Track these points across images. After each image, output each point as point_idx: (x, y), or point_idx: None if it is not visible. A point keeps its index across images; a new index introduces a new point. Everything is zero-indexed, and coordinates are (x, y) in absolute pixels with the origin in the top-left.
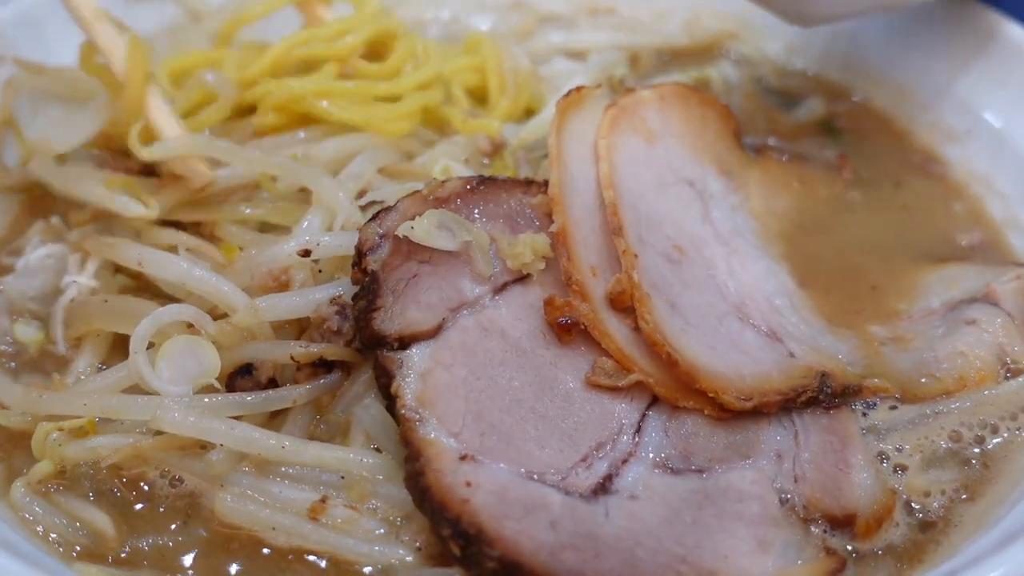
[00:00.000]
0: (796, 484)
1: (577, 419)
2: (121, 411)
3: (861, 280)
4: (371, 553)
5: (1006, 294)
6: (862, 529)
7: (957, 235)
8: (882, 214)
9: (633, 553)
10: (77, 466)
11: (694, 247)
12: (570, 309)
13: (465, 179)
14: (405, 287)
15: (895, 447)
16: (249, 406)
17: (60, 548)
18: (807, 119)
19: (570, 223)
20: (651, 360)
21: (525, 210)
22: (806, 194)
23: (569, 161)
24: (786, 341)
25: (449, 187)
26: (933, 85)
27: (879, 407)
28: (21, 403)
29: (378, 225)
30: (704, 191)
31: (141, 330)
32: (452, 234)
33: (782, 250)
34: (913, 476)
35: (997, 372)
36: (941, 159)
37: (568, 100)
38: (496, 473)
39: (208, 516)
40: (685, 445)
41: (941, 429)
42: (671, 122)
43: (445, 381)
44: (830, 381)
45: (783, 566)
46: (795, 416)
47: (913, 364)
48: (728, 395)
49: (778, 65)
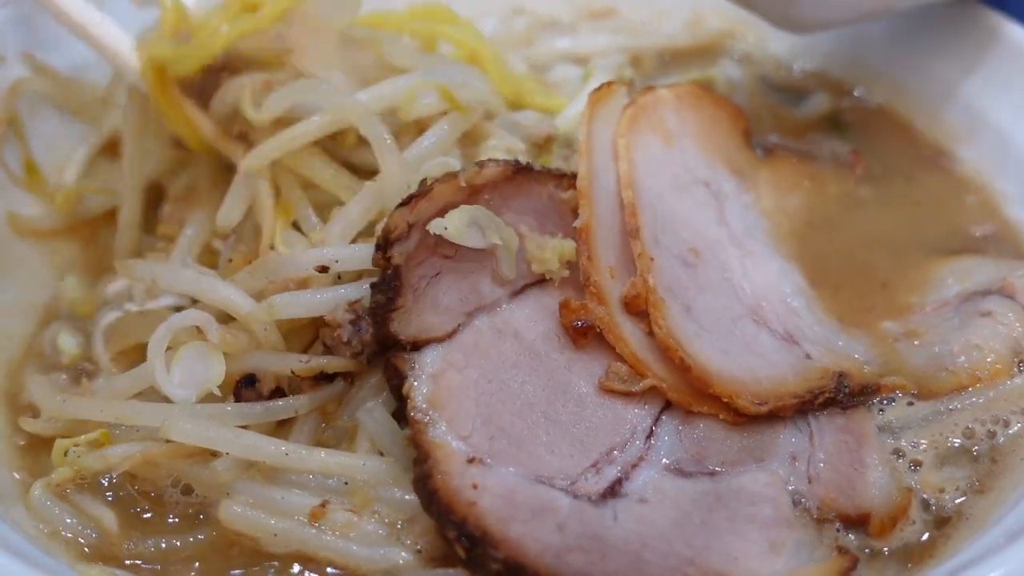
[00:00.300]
0: (810, 485)
1: (589, 424)
2: (133, 417)
3: (872, 277)
4: (372, 556)
5: (1023, 287)
6: (876, 528)
7: (970, 227)
8: (893, 209)
9: (640, 555)
10: (94, 475)
11: (709, 250)
12: (586, 312)
13: (502, 167)
14: (426, 286)
15: (910, 444)
16: (254, 416)
17: (69, 549)
18: (813, 115)
19: (594, 220)
20: (665, 365)
21: (556, 204)
22: (816, 192)
23: (596, 155)
24: (802, 343)
25: (486, 174)
26: (936, 85)
27: (896, 404)
28: (47, 408)
29: (409, 211)
30: (719, 192)
31: (158, 335)
32: (483, 233)
33: (794, 249)
34: (927, 473)
35: (1012, 365)
36: (953, 153)
37: (599, 93)
38: (504, 477)
39: (211, 520)
40: (698, 449)
41: (955, 425)
42: (687, 122)
43: (457, 383)
44: (847, 381)
45: (795, 567)
46: (811, 417)
47: (928, 359)
48: (743, 399)
49: (782, 63)
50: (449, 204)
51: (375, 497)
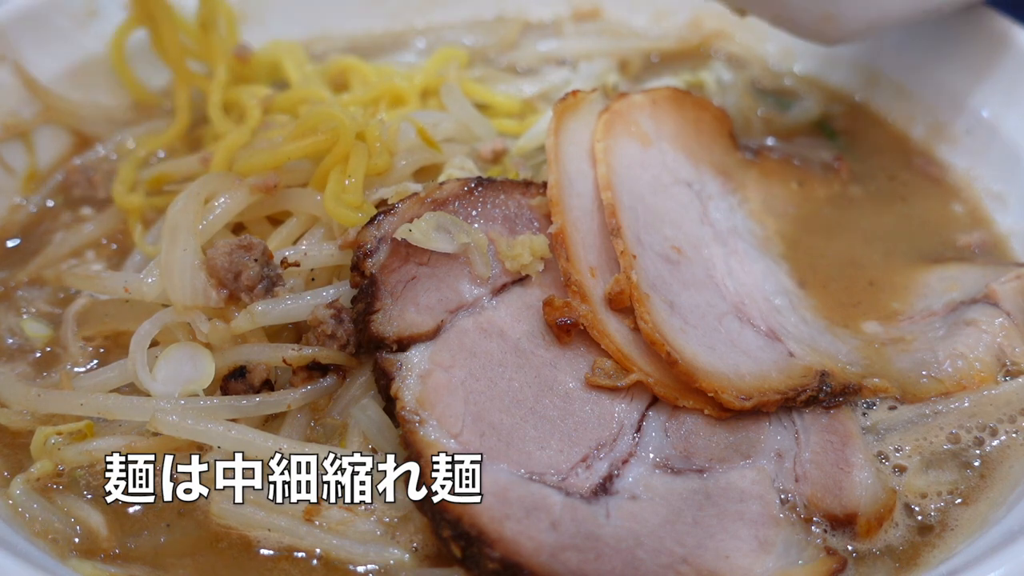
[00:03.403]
0: (797, 483)
1: (577, 419)
2: (118, 411)
3: (859, 274)
4: (366, 554)
5: (1006, 294)
6: (863, 528)
7: (957, 236)
8: (881, 215)
9: (634, 554)
10: (75, 468)
11: (693, 247)
12: (569, 310)
13: (463, 181)
14: (403, 289)
15: (894, 447)
16: (244, 409)
17: (56, 545)
18: (802, 120)
19: (569, 224)
20: (650, 360)
21: (524, 211)
22: (804, 195)
23: (567, 163)
24: (785, 340)
25: (447, 189)
26: (933, 85)
27: (878, 407)
28: (20, 402)
29: (376, 228)
30: (702, 192)
31: (143, 330)
32: (451, 236)
33: (781, 250)
34: (912, 477)
35: (996, 373)
36: (940, 160)
37: (565, 103)
38: (496, 474)
39: (201, 515)
40: (685, 445)
41: (940, 430)
42: (664, 125)
43: (444, 382)
44: (830, 380)
45: (784, 566)
46: (795, 415)
47: (913, 364)
48: (727, 394)
49: (772, 66)
50: (415, 218)
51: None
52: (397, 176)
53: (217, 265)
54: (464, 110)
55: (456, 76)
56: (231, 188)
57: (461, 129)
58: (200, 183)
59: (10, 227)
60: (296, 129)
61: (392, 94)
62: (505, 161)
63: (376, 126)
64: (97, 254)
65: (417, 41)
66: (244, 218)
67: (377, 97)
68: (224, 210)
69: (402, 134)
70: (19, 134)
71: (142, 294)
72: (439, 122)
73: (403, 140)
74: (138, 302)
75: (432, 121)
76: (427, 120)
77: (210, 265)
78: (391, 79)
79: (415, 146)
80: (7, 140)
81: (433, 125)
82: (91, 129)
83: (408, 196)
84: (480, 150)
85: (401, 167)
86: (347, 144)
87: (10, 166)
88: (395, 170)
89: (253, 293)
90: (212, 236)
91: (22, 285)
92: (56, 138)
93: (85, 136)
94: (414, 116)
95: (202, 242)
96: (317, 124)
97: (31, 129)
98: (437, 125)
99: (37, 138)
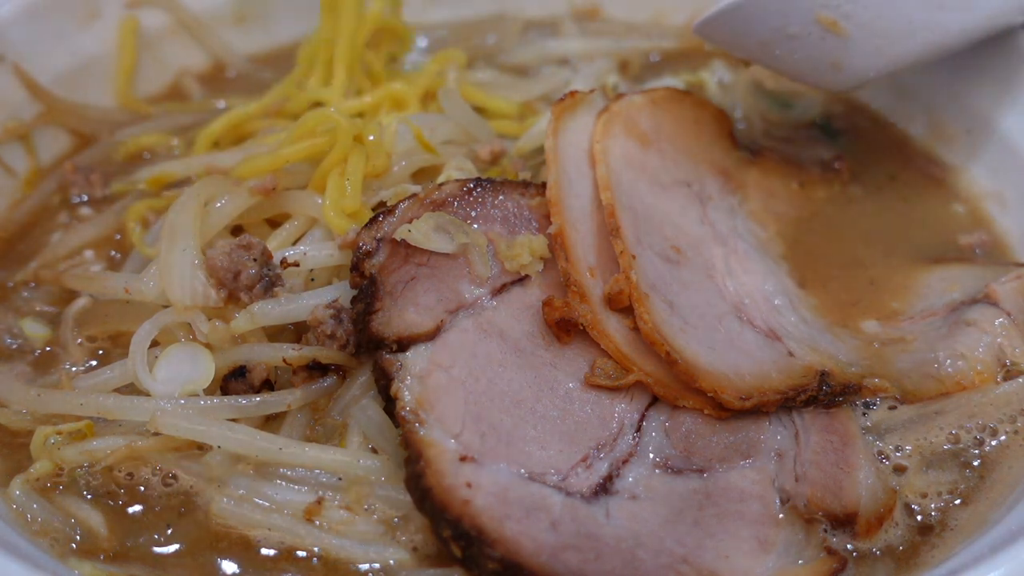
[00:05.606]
0: (797, 483)
1: (577, 419)
2: (118, 412)
3: (860, 273)
4: (367, 554)
5: (1006, 294)
6: (863, 528)
7: (957, 236)
8: (881, 215)
9: (634, 554)
10: (74, 468)
11: (692, 248)
12: (569, 309)
13: (462, 181)
14: (403, 289)
15: (894, 447)
16: (245, 409)
17: (56, 545)
18: (803, 120)
19: (568, 224)
20: (650, 360)
21: (523, 212)
22: (804, 195)
23: (566, 163)
24: (785, 340)
25: (446, 190)
26: (932, 85)
27: (878, 407)
28: (20, 401)
29: (375, 230)
30: (702, 192)
31: (143, 330)
32: (450, 236)
33: (781, 250)
34: (912, 477)
35: (996, 373)
36: (940, 160)
37: (564, 104)
38: (497, 474)
39: (201, 515)
40: (685, 445)
41: (940, 430)
42: (663, 125)
43: (444, 383)
44: (829, 380)
45: (784, 566)
46: (795, 415)
47: (913, 364)
48: (727, 394)
49: None
50: (414, 219)
51: (370, 494)
52: (396, 178)
53: (217, 265)
54: (462, 113)
55: (456, 78)
56: (230, 190)
57: (459, 132)
58: (200, 185)
59: (9, 227)
60: (294, 132)
61: (392, 98)
62: (504, 162)
63: (373, 128)
64: (96, 254)
65: (419, 40)
66: (243, 220)
67: (377, 103)
68: (223, 212)
69: (400, 136)
70: (19, 135)
71: (142, 294)
72: (437, 125)
73: (401, 142)
74: (138, 302)
75: (430, 124)
76: (425, 123)
77: (210, 265)
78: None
79: (413, 148)
80: (7, 141)
81: (431, 128)
82: (91, 129)
83: (407, 197)
84: (478, 151)
85: (400, 169)
86: (345, 146)
87: (10, 167)
88: (394, 172)
89: (252, 293)
90: (211, 238)
91: (21, 285)
92: (56, 138)
93: (85, 136)
94: (412, 119)
95: (201, 243)
96: (315, 127)
97: (31, 130)
98: (435, 128)
99: (37, 139)
